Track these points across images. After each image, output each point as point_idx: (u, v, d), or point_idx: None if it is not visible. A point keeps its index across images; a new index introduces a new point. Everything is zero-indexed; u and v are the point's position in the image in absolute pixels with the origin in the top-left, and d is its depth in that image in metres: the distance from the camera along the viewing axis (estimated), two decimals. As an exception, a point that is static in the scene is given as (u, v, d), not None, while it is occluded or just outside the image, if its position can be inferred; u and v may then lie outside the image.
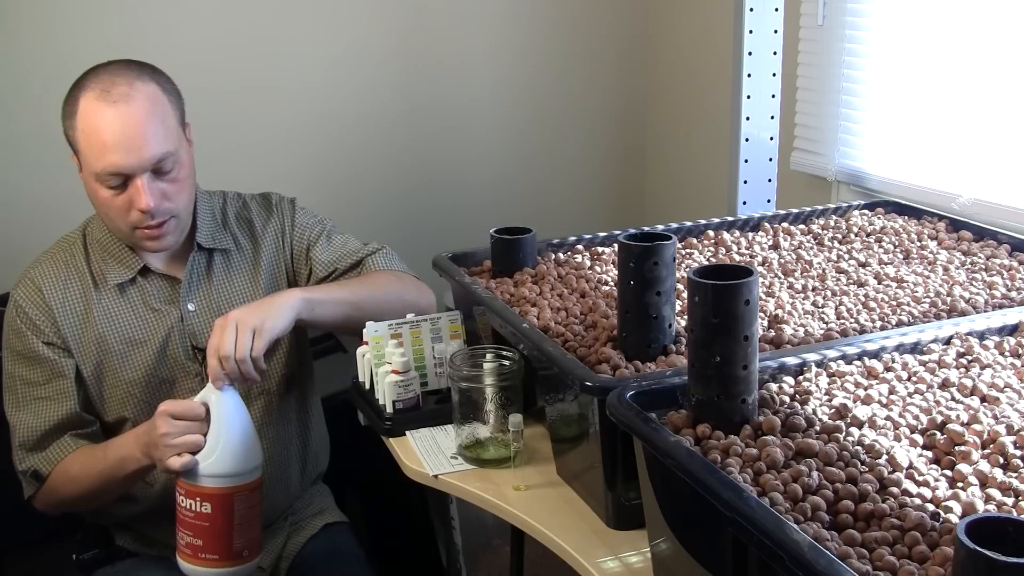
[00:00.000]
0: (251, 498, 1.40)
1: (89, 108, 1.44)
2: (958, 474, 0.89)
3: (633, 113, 2.87)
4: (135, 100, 1.46)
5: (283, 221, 1.67)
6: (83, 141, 1.45)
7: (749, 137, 2.02)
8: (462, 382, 1.33)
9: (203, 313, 1.59)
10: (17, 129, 2.35)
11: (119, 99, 1.44)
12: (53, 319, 1.53)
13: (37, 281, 1.55)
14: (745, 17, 1.95)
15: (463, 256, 1.58)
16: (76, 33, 2.34)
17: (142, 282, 1.57)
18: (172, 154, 1.48)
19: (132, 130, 1.44)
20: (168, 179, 1.48)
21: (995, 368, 1.08)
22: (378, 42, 2.59)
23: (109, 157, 1.43)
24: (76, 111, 1.45)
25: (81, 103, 1.45)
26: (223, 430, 1.38)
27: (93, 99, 1.44)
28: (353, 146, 2.61)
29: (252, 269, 1.63)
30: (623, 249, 1.20)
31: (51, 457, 1.53)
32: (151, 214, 1.47)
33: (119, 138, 1.43)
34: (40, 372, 1.53)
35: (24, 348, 1.53)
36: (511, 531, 1.75)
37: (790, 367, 1.09)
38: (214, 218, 1.63)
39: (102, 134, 1.43)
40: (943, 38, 1.84)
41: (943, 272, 1.45)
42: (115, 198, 1.46)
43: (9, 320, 1.56)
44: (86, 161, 1.46)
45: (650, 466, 0.97)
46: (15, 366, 1.55)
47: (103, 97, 1.44)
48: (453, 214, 2.74)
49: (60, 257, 1.57)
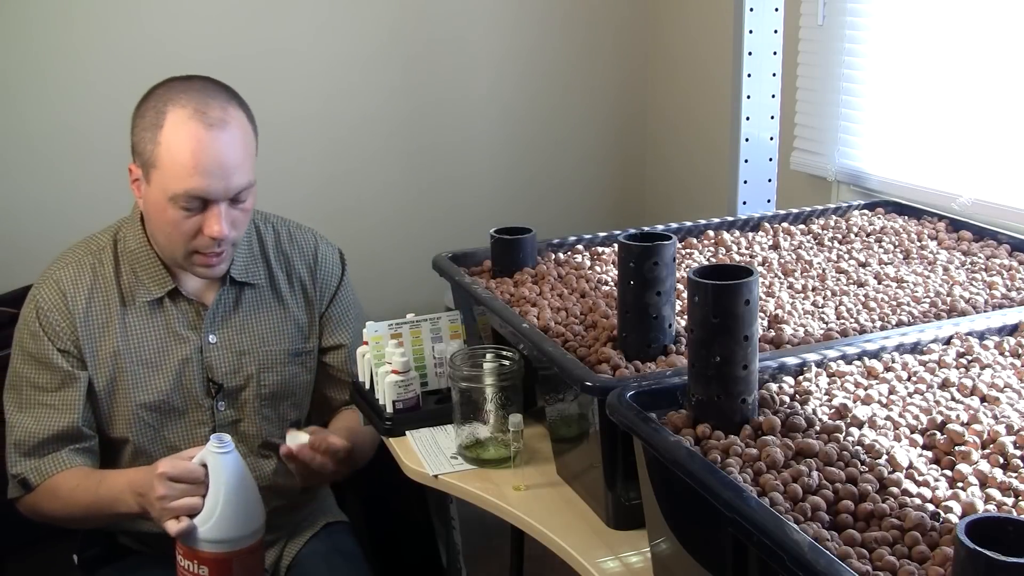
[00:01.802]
0: (250, 559, 1.37)
1: (181, 126, 1.40)
2: (958, 474, 0.89)
3: (633, 113, 2.87)
4: (230, 127, 1.43)
5: (326, 286, 1.66)
6: (165, 157, 1.41)
7: (749, 137, 2.02)
8: (462, 382, 1.33)
9: (223, 347, 1.57)
10: (17, 130, 2.35)
11: (215, 123, 1.41)
12: (73, 328, 1.50)
13: (62, 285, 1.51)
14: (745, 17, 1.95)
15: (463, 256, 1.58)
16: (76, 32, 2.34)
17: (168, 304, 1.54)
18: (252, 184, 1.48)
19: (225, 158, 1.42)
20: (239, 208, 1.48)
21: (995, 368, 1.08)
22: (378, 42, 2.59)
23: (196, 181, 1.40)
24: (161, 125, 1.41)
25: (170, 117, 1.41)
26: (222, 494, 1.34)
27: (187, 117, 1.41)
28: (353, 146, 2.61)
29: (279, 309, 1.62)
30: (623, 249, 1.20)
31: (44, 469, 1.50)
32: (218, 242, 1.45)
33: (211, 164, 1.40)
34: (50, 378, 1.51)
35: (38, 351, 1.51)
36: (511, 531, 1.75)
37: (790, 367, 1.09)
38: (251, 248, 1.61)
39: (195, 156, 1.40)
40: (943, 38, 1.84)
41: (943, 272, 1.45)
42: (185, 220, 1.43)
43: (27, 319, 1.52)
44: (163, 178, 1.42)
45: (650, 466, 0.97)
46: (25, 366, 1.52)
47: (199, 118, 1.41)
48: (453, 214, 2.74)
49: (87, 262, 1.54)
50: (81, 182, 2.41)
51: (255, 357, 1.60)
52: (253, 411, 1.61)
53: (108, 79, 2.38)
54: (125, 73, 2.40)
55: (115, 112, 2.41)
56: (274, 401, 1.63)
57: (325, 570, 1.62)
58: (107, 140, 2.42)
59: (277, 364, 1.62)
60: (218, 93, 1.47)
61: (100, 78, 2.38)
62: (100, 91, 2.38)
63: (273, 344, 1.61)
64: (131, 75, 2.40)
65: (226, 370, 1.58)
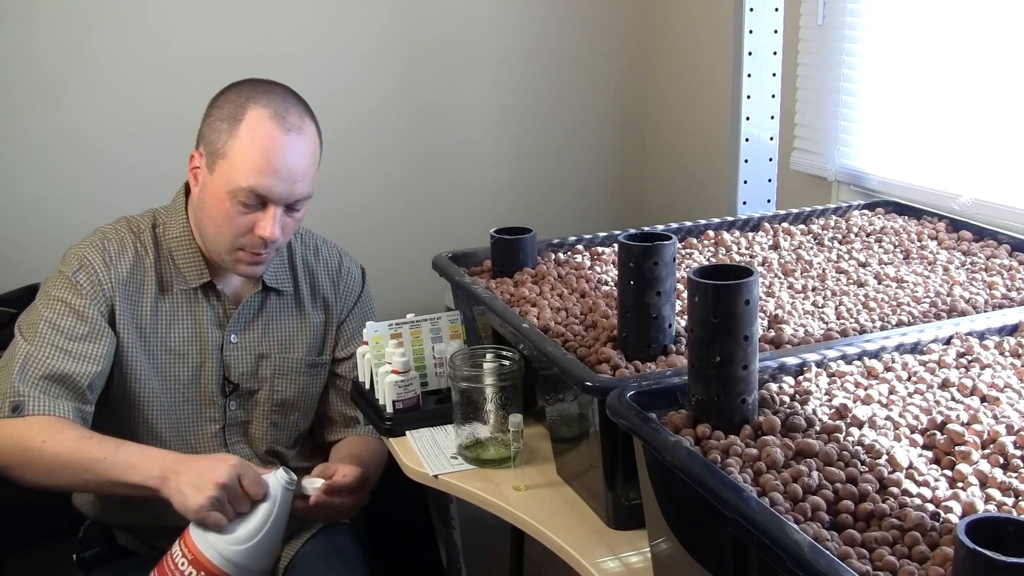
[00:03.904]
0: None
1: (261, 124, 1.43)
2: (958, 474, 0.89)
3: (633, 113, 2.87)
4: (305, 135, 1.47)
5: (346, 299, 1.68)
6: (238, 151, 1.43)
7: (749, 137, 2.02)
8: (462, 382, 1.33)
9: (243, 347, 1.59)
10: (17, 129, 2.35)
11: (293, 129, 1.45)
12: (113, 292, 1.49)
13: (108, 251, 1.51)
14: (745, 17, 1.95)
15: (463, 256, 1.58)
16: (77, 32, 2.34)
17: (200, 297, 1.56)
18: (310, 196, 1.51)
19: (295, 164, 1.45)
20: (293, 216, 1.50)
21: (995, 368, 1.08)
22: (378, 42, 2.59)
23: (263, 179, 1.43)
24: (241, 119, 1.43)
25: (250, 113, 1.44)
26: (268, 524, 1.33)
27: (267, 117, 1.43)
28: (353, 146, 2.61)
29: (300, 318, 1.64)
30: (623, 249, 1.20)
31: (44, 404, 1.40)
32: (266, 243, 1.47)
33: (281, 166, 1.43)
34: (78, 325, 1.46)
35: (72, 299, 1.46)
36: (511, 531, 1.75)
37: (790, 367, 1.09)
38: (282, 256, 1.63)
39: (267, 155, 1.42)
40: (943, 38, 1.84)
41: (943, 272, 1.45)
42: (239, 216, 1.45)
43: (66, 271, 1.49)
44: (230, 170, 1.44)
45: (650, 466, 0.97)
46: (50, 311, 1.46)
47: (277, 120, 1.44)
48: (453, 214, 2.74)
49: (129, 240, 1.54)
50: (81, 182, 2.41)
51: (272, 362, 1.62)
52: (263, 415, 1.63)
53: (108, 79, 2.38)
54: (126, 74, 2.40)
55: (115, 112, 2.42)
56: (284, 409, 1.65)
57: (322, 572, 1.62)
58: (107, 140, 2.43)
59: (292, 372, 1.64)
60: (296, 103, 1.50)
61: (100, 78, 2.38)
62: (101, 91, 2.38)
63: (291, 352, 1.63)
64: (131, 76, 2.41)
65: (243, 371, 1.60)
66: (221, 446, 1.60)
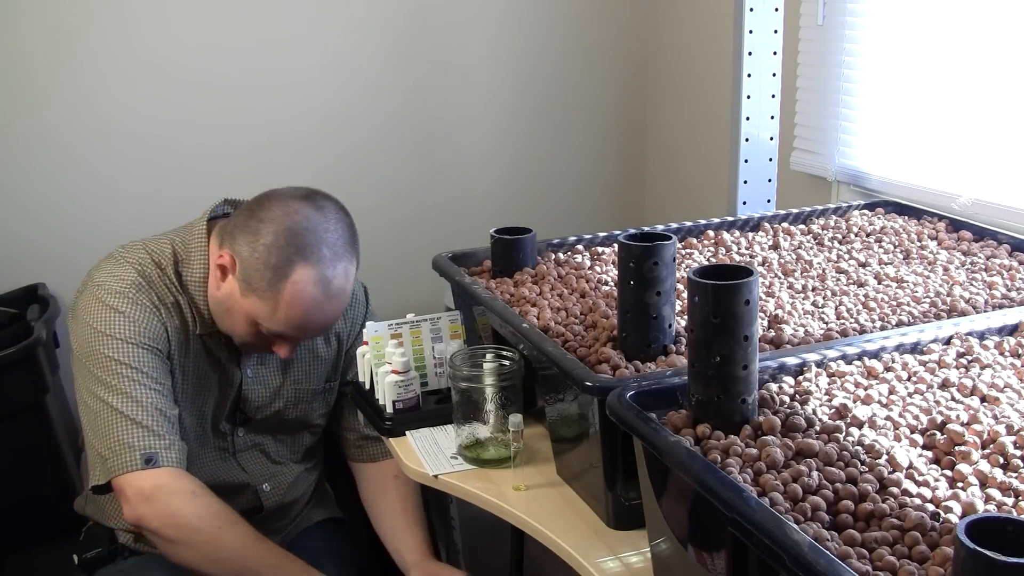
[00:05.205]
0: None
1: (307, 290, 1.40)
2: (958, 474, 0.89)
3: (633, 113, 2.87)
4: (345, 294, 1.46)
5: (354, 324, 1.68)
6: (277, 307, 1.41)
7: (749, 137, 2.02)
8: (462, 382, 1.33)
9: (256, 380, 1.60)
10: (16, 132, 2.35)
11: (335, 295, 1.44)
12: (166, 329, 1.48)
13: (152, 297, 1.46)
14: (745, 17, 1.95)
15: (463, 256, 1.58)
16: (75, 34, 2.34)
17: (218, 332, 1.54)
18: None
19: (330, 322, 1.49)
20: None
21: (995, 368, 1.08)
22: (378, 42, 2.59)
23: (296, 332, 1.45)
24: (287, 276, 1.39)
25: (296, 274, 1.40)
26: None
27: (312, 281, 1.40)
28: (353, 146, 2.61)
29: (312, 351, 1.64)
30: (623, 249, 1.20)
31: (171, 456, 1.39)
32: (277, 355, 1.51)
33: (316, 325, 1.46)
34: (156, 364, 1.44)
35: (137, 338, 1.43)
36: (511, 531, 1.75)
37: (790, 367, 1.09)
38: None
39: (306, 317, 1.43)
40: (943, 38, 1.84)
41: (943, 272, 1.45)
42: (261, 335, 1.47)
43: (120, 309, 1.44)
44: (264, 313, 1.42)
45: (650, 466, 0.97)
46: (118, 353, 1.41)
47: (322, 285, 1.41)
48: (453, 214, 2.74)
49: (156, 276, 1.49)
50: (81, 183, 2.41)
51: (286, 394, 1.64)
52: (271, 437, 1.66)
53: (108, 81, 2.39)
54: (125, 76, 2.40)
55: (114, 114, 2.42)
56: (293, 430, 1.68)
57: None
58: (106, 142, 2.43)
59: (303, 402, 1.66)
60: (347, 251, 1.46)
61: (99, 80, 2.38)
62: (100, 94, 2.38)
63: (304, 383, 1.65)
64: (131, 77, 2.41)
65: (259, 403, 1.61)
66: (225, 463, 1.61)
